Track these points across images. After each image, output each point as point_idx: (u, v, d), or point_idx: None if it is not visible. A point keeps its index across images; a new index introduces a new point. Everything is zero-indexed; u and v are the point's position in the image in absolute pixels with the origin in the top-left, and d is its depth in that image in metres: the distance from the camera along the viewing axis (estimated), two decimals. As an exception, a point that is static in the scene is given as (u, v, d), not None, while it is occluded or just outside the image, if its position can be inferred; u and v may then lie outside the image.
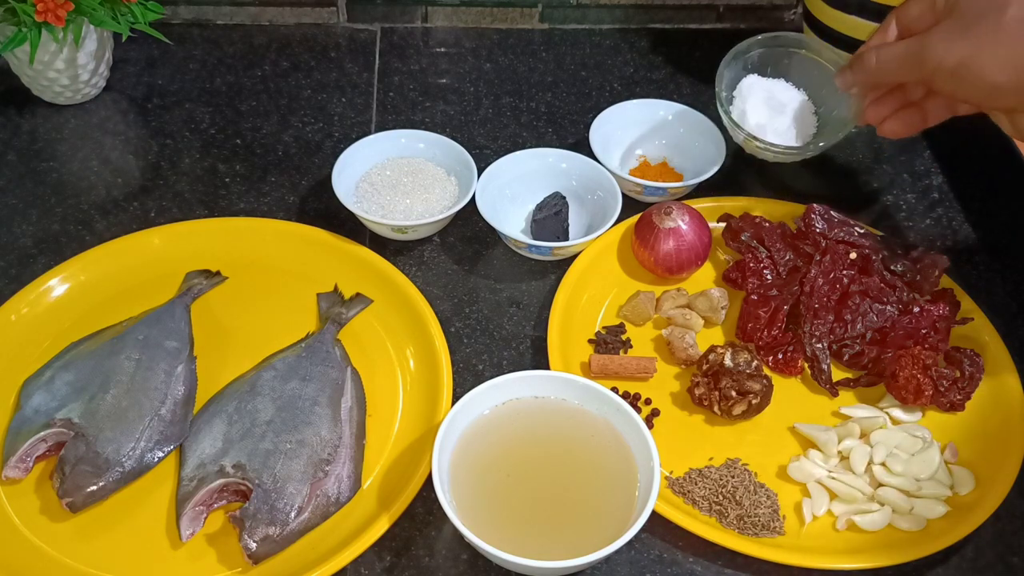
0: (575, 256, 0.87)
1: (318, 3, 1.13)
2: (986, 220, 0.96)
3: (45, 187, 0.94)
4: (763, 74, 0.96)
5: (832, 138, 0.92)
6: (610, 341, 0.82)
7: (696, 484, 0.73)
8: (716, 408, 0.76)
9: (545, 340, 0.81)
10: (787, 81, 0.96)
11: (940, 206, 0.97)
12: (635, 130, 0.97)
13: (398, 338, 0.82)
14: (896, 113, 0.80)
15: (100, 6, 0.92)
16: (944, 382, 0.77)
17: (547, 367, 0.79)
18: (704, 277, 0.88)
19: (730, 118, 0.93)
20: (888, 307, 0.81)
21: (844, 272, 0.83)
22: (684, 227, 0.84)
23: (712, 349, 0.78)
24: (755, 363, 0.77)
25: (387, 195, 0.89)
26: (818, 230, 0.85)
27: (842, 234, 0.85)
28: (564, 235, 0.88)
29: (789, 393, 0.80)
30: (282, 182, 0.96)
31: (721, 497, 0.72)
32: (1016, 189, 0.98)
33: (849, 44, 1.03)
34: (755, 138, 0.92)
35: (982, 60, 0.68)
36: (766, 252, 0.86)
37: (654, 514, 0.68)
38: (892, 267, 0.83)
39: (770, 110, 0.93)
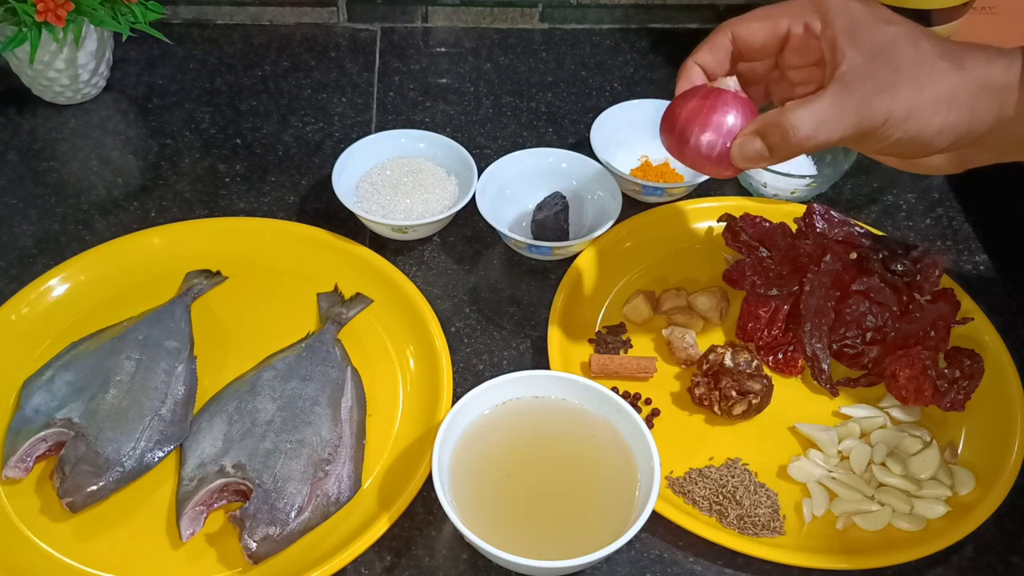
0: (575, 256, 0.87)
1: (318, 3, 1.13)
2: (986, 220, 0.96)
3: (45, 187, 0.94)
4: None
5: (824, 184, 0.93)
6: (610, 341, 0.82)
7: (696, 484, 0.73)
8: (716, 408, 0.76)
9: (545, 340, 0.81)
10: None
11: (940, 206, 0.97)
12: (636, 130, 0.97)
13: (398, 338, 0.82)
14: None
15: (100, 6, 0.92)
16: (944, 382, 0.77)
17: (547, 367, 0.79)
18: (704, 277, 0.88)
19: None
20: (888, 307, 0.81)
21: (844, 272, 0.83)
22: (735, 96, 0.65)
23: (712, 349, 0.78)
24: (755, 363, 0.77)
25: (387, 195, 0.89)
26: (818, 230, 0.85)
27: (842, 234, 0.85)
28: (564, 235, 0.88)
29: (789, 393, 0.80)
30: (282, 182, 0.96)
31: (721, 497, 0.72)
32: (1016, 189, 0.98)
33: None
34: (774, 171, 0.91)
35: (921, 103, 0.60)
36: (766, 252, 0.86)
37: (654, 514, 0.67)
38: (892, 267, 0.83)
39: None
